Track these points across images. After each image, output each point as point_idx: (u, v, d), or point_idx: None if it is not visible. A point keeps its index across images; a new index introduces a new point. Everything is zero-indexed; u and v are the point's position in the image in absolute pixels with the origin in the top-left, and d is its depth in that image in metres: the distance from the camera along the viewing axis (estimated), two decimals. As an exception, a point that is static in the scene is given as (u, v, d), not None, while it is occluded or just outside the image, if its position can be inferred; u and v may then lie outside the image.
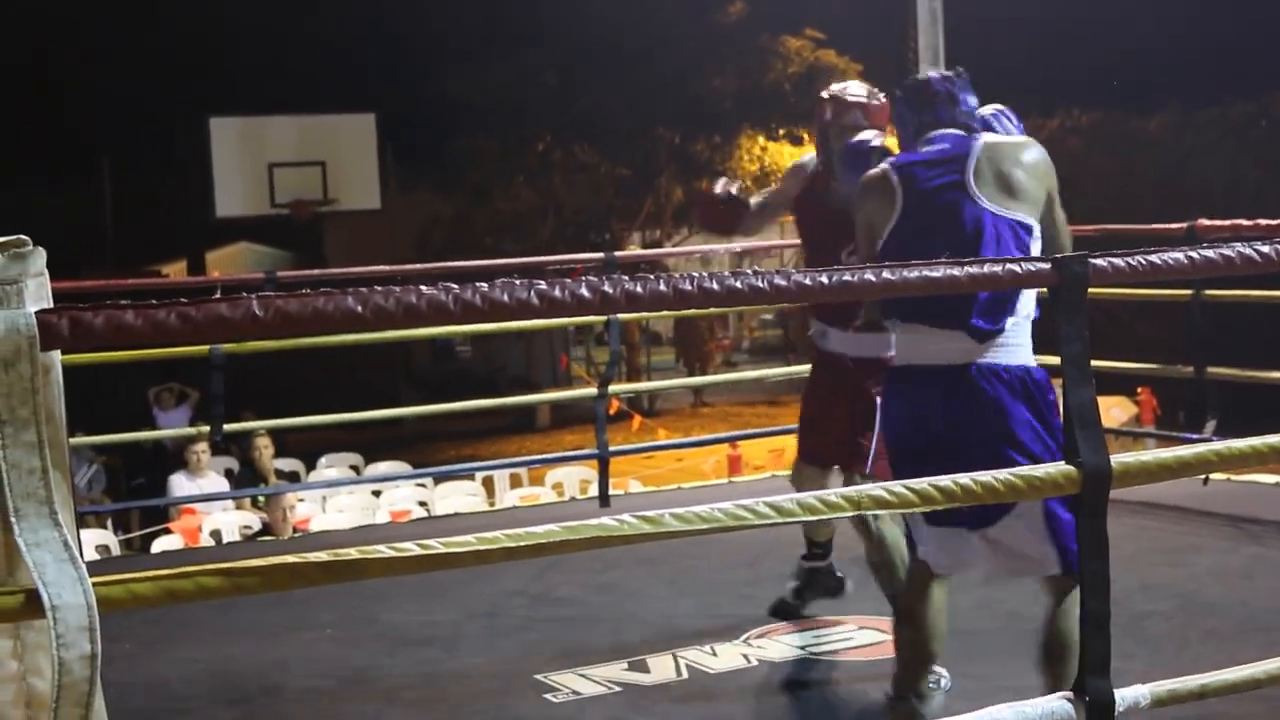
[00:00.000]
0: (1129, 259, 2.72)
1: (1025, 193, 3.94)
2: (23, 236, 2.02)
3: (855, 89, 5.31)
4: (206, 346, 7.16)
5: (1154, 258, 2.74)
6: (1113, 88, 22.72)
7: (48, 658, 1.96)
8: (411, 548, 2.21)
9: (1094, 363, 2.71)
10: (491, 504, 11.54)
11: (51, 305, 2.03)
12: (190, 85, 23.82)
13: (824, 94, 5.36)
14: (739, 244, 9.14)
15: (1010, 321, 3.85)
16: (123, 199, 26.88)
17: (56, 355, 2.01)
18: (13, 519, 1.96)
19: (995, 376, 3.83)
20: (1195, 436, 7.01)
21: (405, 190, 25.58)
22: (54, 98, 25.59)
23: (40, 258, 2.04)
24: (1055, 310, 2.66)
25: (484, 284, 2.27)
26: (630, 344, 25.30)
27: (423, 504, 11.53)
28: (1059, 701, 2.65)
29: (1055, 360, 2.74)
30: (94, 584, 1.98)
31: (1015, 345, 3.88)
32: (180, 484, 11.16)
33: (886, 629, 5.13)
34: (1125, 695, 2.71)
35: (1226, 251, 2.81)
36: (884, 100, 5.19)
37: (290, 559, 2.16)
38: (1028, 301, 3.91)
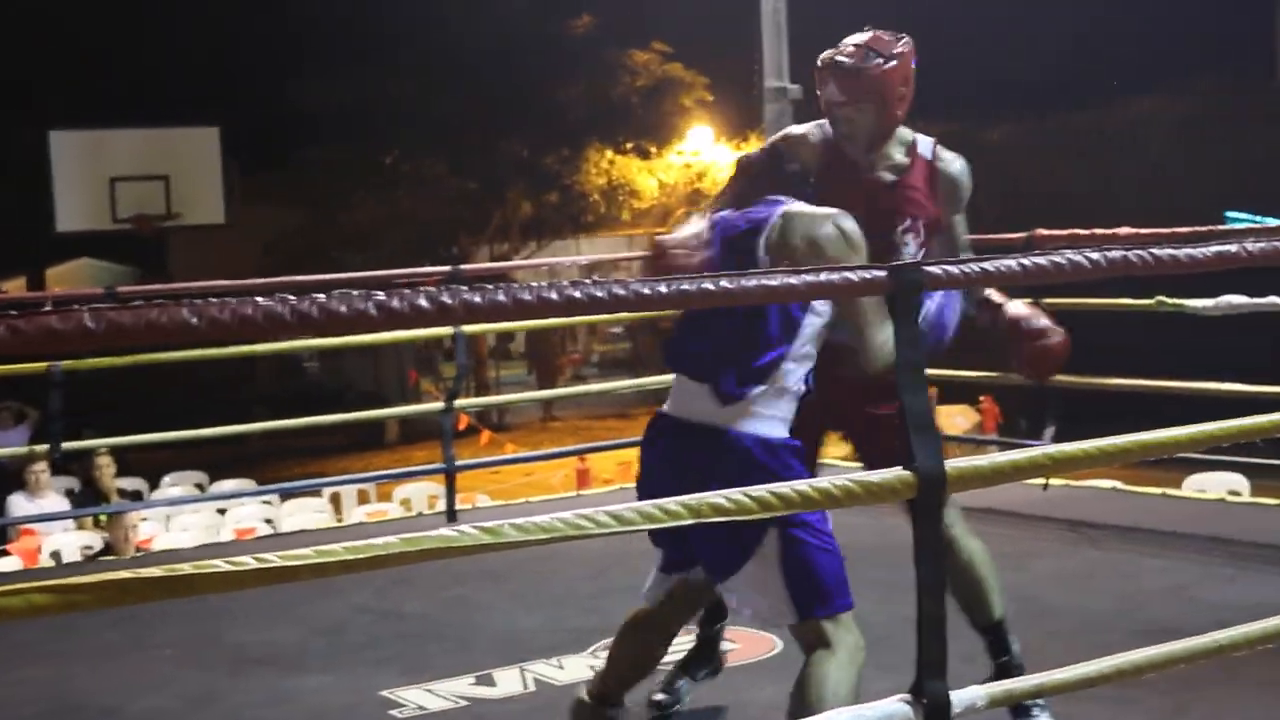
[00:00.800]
0: (961, 266, 2.76)
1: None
2: None
3: (848, 46, 4.26)
4: (45, 364, 7.05)
5: (986, 265, 2.78)
6: (952, 99, 23.04)
7: None
8: (249, 561, 2.19)
9: (936, 371, 2.75)
10: (339, 521, 11.45)
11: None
12: (29, 98, 23.41)
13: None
14: (585, 257, 9.07)
15: (758, 391, 3.67)
16: (-41, 215, 26.36)
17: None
18: None
19: (733, 444, 3.66)
20: (1035, 443, 7.12)
21: (251, 203, 25.29)
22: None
23: None
24: (892, 315, 2.69)
25: (321, 295, 2.26)
26: (480, 358, 25.24)
27: (269, 522, 11.41)
28: (897, 704, 2.68)
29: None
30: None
31: (767, 416, 3.70)
32: (18, 504, 10.94)
33: (732, 638, 5.16)
34: (962, 697, 2.75)
35: (1057, 258, 2.86)
36: (888, 60, 4.19)
37: (123, 574, 2.13)
38: (793, 376, 3.72)
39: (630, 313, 2.89)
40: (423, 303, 2.33)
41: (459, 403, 8.34)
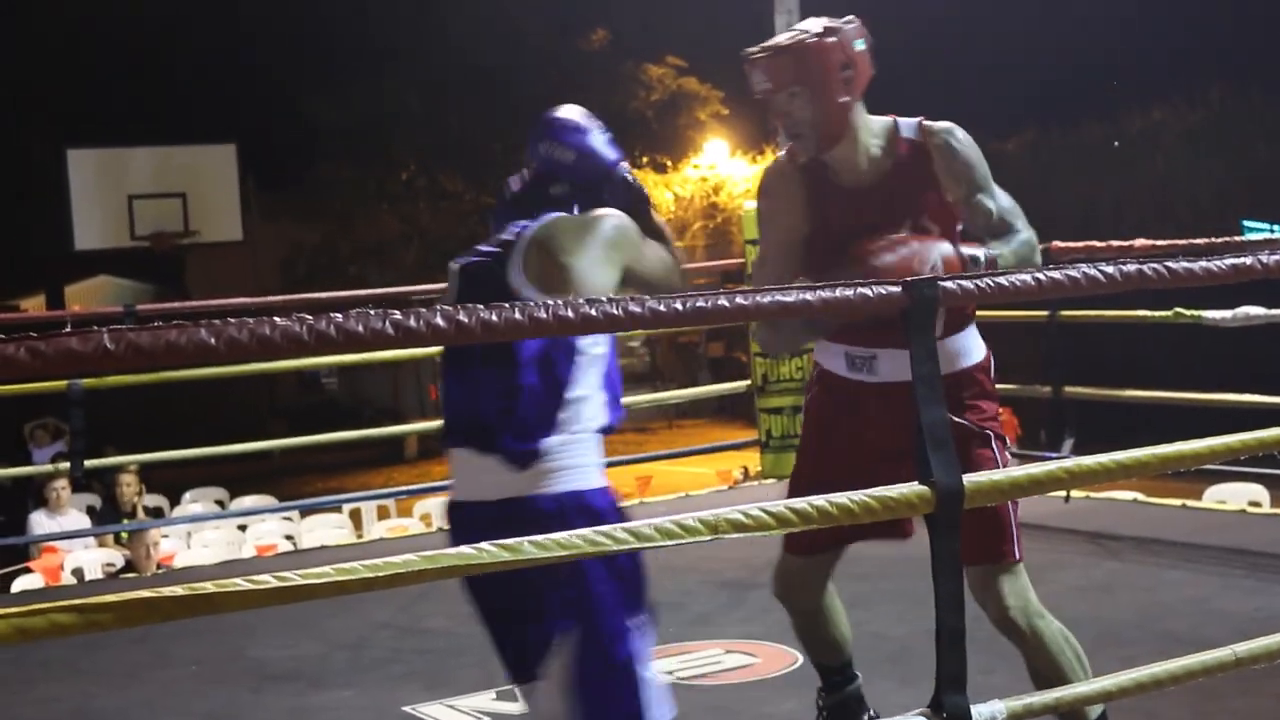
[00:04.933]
0: (977, 281, 2.77)
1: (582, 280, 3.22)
2: None
3: (780, 37, 3.78)
4: (65, 382, 7.08)
5: (1002, 279, 2.78)
6: (967, 112, 23.00)
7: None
8: (269, 580, 2.20)
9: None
10: (359, 536, 11.46)
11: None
12: (47, 116, 23.51)
13: None
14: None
15: (557, 440, 3.18)
16: (-22, 233, 26.49)
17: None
18: None
19: (547, 512, 3.11)
20: (1055, 455, 7.12)
21: (268, 219, 25.43)
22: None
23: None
24: (906, 332, 2.70)
25: (339, 315, 2.27)
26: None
27: (289, 538, 11.42)
28: (916, 718, 2.69)
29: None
30: (-57, 624, 1.95)
31: (575, 466, 3.20)
32: (40, 522, 10.97)
33: (754, 653, 5.17)
34: (981, 711, 2.75)
35: (1073, 273, 2.86)
36: (821, 35, 3.67)
37: (145, 594, 2.15)
38: (589, 413, 3.23)
39: (649, 329, 2.89)
40: (440, 322, 2.34)
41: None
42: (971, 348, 3.83)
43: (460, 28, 23.83)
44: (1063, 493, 7.19)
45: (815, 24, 3.68)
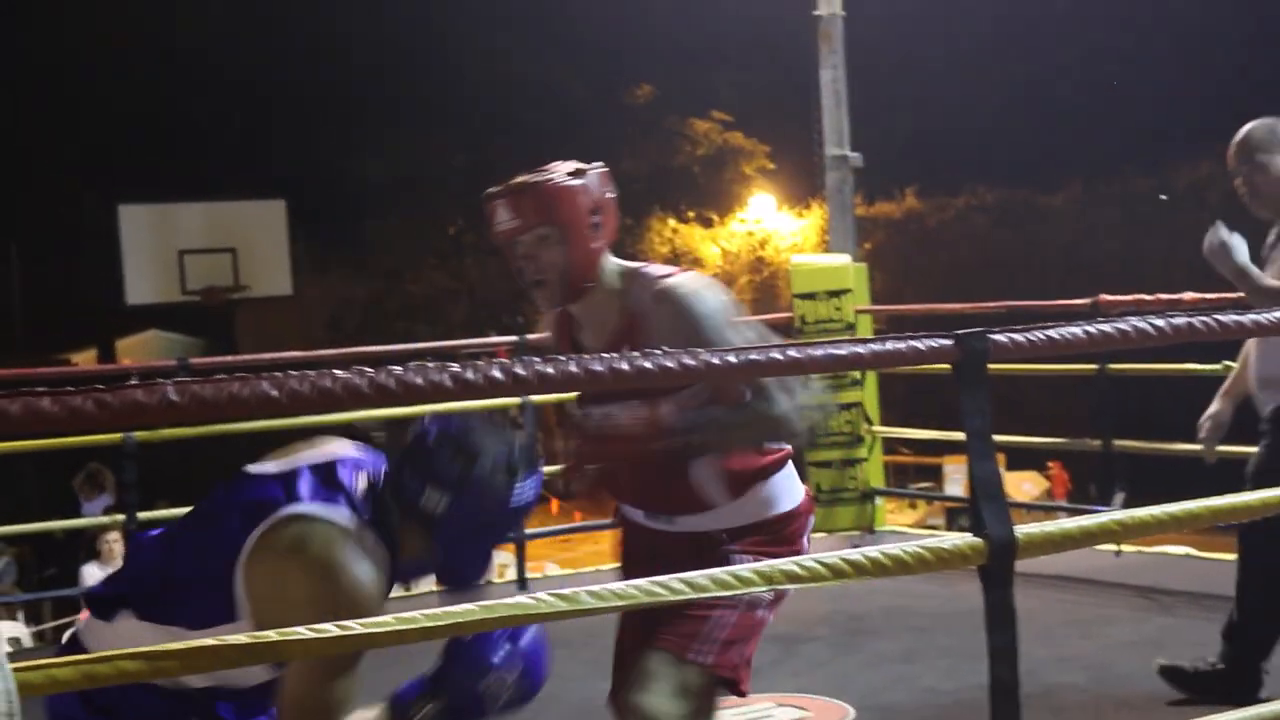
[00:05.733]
0: (1028, 334, 2.78)
1: None
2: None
3: (525, 176, 3.49)
4: (120, 435, 7.15)
5: (1053, 333, 2.80)
6: (1016, 165, 23.02)
7: (-34, 746, 1.96)
8: (330, 628, 2.23)
9: (1004, 438, 2.77)
10: (408, 589, 11.47)
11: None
12: (99, 172, 23.74)
13: None
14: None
15: None
16: (31, 287, 26.69)
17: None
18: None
19: None
20: (1105, 509, 7.10)
21: (317, 274, 25.54)
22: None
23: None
24: (959, 383, 2.71)
25: (399, 367, 2.30)
26: (547, 428, 25.27)
27: (338, 590, 11.46)
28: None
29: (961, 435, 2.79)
30: (12, 669, 1.99)
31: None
32: (92, 574, 11.04)
33: (805, 705, 5.17)
34: (1036, 763, 2.76)
35: (1123, 326, 2.87)
36: (569, 176, 3.45)
37: (210, 642, 2.18)
38: None
39: (710, 382, 2.90)
40: (497, 374, 2.37)
41: (526, 471, 8.33)
42: (772, 498, 3.50)
43: (506, 86, 24.01)
44: (1114, 546, 7.18)
45: (563, 166, 3.46)
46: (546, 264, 3.40)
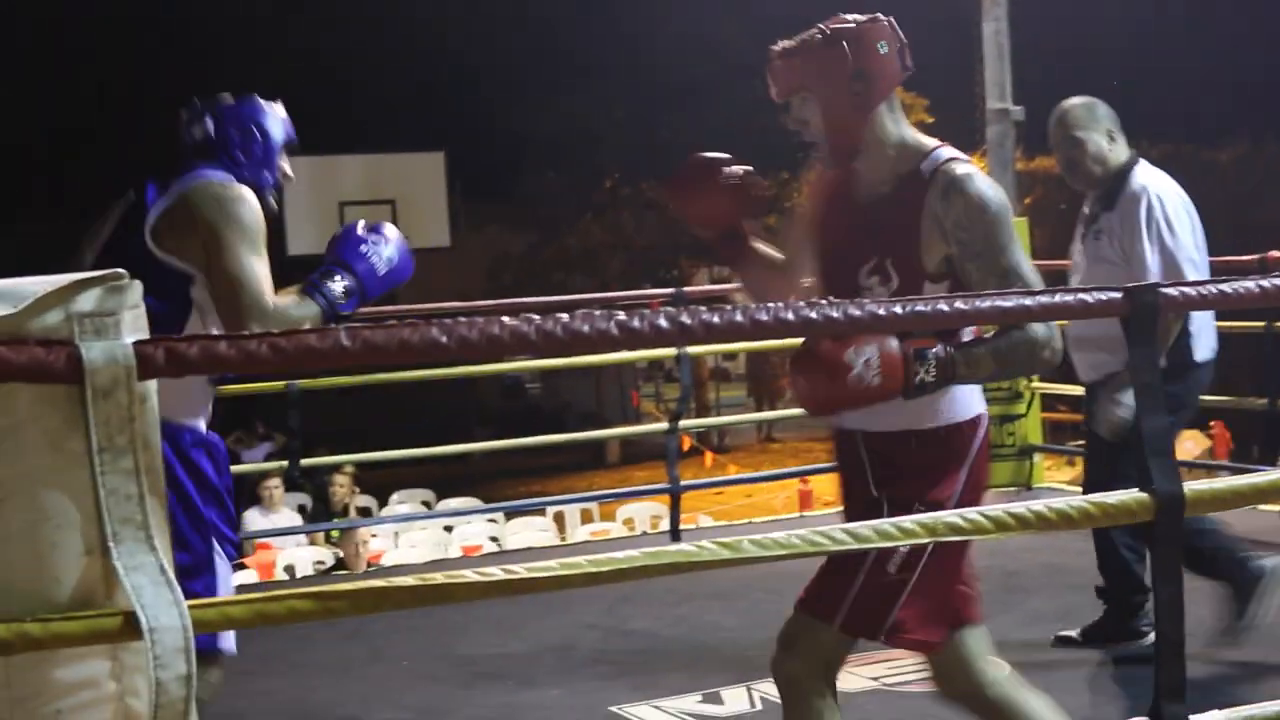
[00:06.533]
0: (1199, 289, 2.74)
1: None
2: (120, 270, 2.08)
3: (800, 36, 3.53)
4: (284, 383, 7.28)
5: (1224, 287, 2.75)
6: (1180, 118, 22.57)
7: (145, 679, 2.00)
8: (496, 573, 2.25)
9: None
10: (563, 539, 11.59)
11: (148, 336, 2.08)
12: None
13: None
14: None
15: None
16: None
17: (153, 384, 2.06)
18: (110, 543, 2.01)
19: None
20: (1270, 469, 6.97)
21: (474, 227, 25.72)
22: (125, 130, 25.90)
23: (136, 291, 2.09)
24: (1128, 339, 2.67)
25: (565, 315, 2.31)
26: (699, 380, 25.31)
27: (494, 539, 11.59)
28: (1137, 727, 2.67)
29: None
30: (188, 607, 2.03)
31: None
32: (254, 520, 11.26)
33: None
34: (1200, 721, 2.72)
35: (1296, 280, 2.82)
36: (831, 37, 3.44)
37: (378, 583, 2.21)
38: None
39: (871, 333, 2.87)
40: (663, 323, 2.37)
41: (683, 423, 8.37)
42: (945, 405, 3.34)
43: (664, 41, 23.95)
44: (1278, 506, 7.06)
45: (832, 25, 3.45)
46: (810, 125, 3.50)
